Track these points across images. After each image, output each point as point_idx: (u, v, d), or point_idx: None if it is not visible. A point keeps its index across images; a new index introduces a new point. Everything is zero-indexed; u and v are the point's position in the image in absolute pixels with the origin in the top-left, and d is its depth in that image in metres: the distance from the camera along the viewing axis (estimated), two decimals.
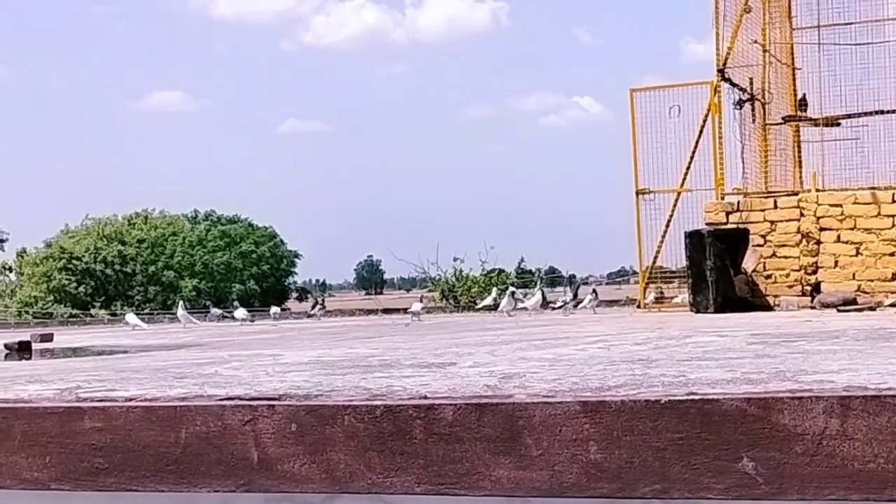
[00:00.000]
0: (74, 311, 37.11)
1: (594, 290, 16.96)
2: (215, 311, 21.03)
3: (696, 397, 3.06)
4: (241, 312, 18.30)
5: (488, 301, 16.92)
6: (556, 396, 3.24)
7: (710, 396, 3.06)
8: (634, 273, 16.17)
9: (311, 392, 3.71)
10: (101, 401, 3.72)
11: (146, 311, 34.97)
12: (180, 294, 42.62)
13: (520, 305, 15.77)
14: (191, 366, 5.68)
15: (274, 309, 19.70)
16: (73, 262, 47.19)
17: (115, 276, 48.26)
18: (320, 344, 8.17)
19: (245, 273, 52.98)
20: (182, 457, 3.44)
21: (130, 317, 18.34)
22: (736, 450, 2.96)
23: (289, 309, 28.67)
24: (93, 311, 36.63)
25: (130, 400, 3.69)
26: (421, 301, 17.96)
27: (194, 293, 47.15)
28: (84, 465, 3.54)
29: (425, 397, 3.39)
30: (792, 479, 2.91)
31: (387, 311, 21.86)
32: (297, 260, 58.60)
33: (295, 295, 60.00)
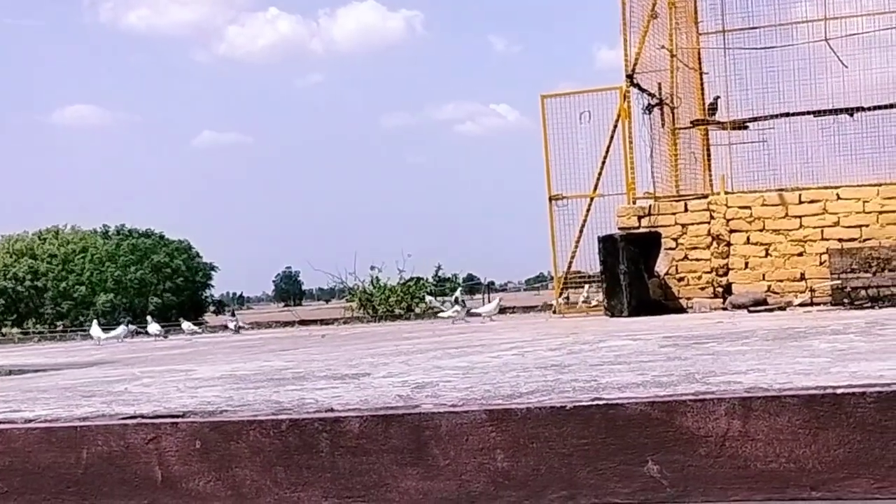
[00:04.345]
0: None
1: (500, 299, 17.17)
2: (130, 326, 20.67)
3: (601, 402, 3.07)
4: (154, 327, 17.98)
5: (451, 312, 15.89)
6: (463, 406, 3.24)
7: (615, 401, 3.07)
8: (552, 278, 16.20)
9: (221, 407, 3.65)
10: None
11: (59, 328, 34.29)
12: (94, 309, 41.89)
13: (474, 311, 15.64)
14: (100, 383, 5.58)
15: (186, 324, 19.22)
16: None
17: (27, 292, 47.36)
18: (235, 358, 8.08)
19: (160, 287, 52.32)
20: (83, 478, 3.36)
21: (94, 329, 17.43)
22: (641, 454, 2.98)
23: (206, 322, 28.20)
24: (3, 330, 35.83)
25: (30, 421, 3.60)
26: (462, 305, 17.08)
27: (109, 308, 46.42)
28: None
29: (332, 410, 3.36)
30: (696, 481, 2.94)
31: (304, 322, 21.72)
32: (213, 273, 58.10)
33: (212, 308, 59.44)
